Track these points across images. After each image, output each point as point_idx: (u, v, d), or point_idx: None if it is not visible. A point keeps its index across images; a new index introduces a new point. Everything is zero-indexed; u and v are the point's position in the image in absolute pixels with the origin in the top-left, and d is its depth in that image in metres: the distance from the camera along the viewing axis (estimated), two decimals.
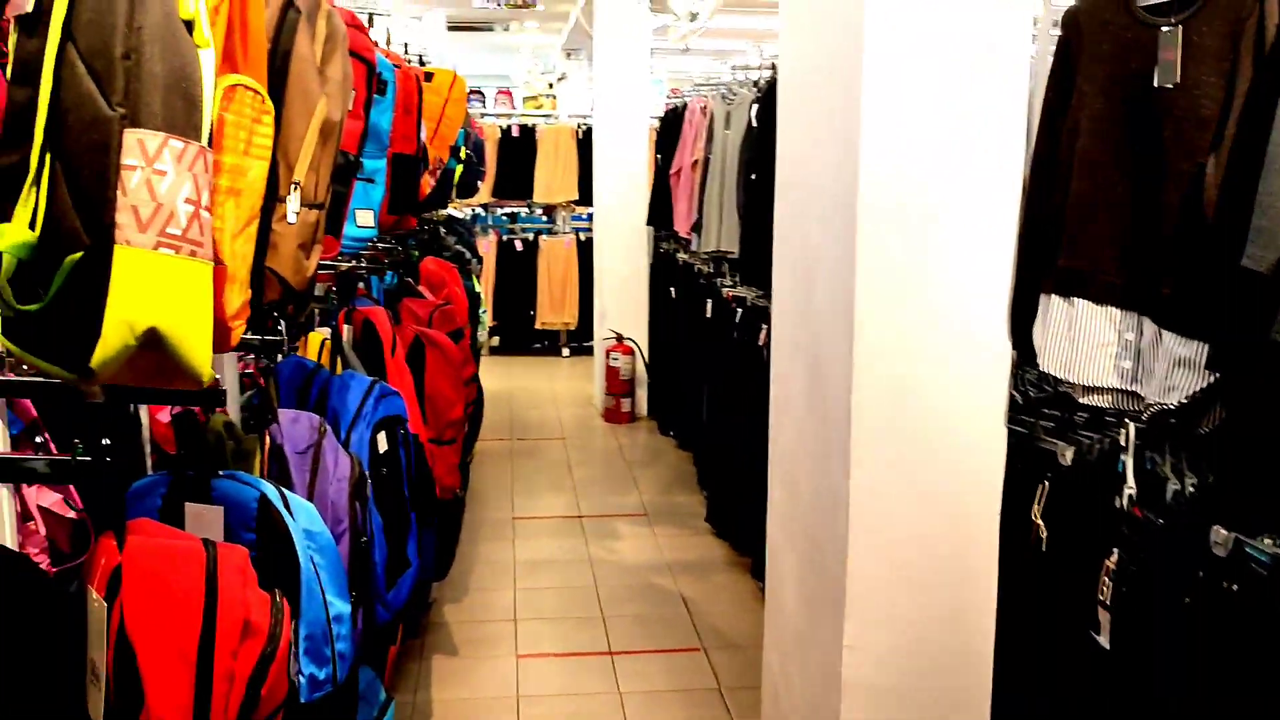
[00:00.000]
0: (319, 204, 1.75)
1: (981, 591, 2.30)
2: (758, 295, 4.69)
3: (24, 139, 1.00)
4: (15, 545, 1.71)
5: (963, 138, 2.16)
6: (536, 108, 10.78)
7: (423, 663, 3.83)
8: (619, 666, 3.84)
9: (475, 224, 9.81)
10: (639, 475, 6.17)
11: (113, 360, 0.97)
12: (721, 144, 5.22)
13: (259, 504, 1.55)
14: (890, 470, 2.24)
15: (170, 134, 0.99)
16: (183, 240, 0.99)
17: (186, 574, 1.12)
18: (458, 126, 3.95)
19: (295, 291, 1.70)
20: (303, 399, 2.38)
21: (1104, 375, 2.04)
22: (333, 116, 1.76)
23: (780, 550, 2.77)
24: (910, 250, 2.19)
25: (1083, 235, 2.02)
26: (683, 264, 6.49)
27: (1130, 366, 2.00)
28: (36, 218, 1.00)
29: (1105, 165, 1.97)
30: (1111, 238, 1.98)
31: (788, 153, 2.68)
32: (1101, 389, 2.06)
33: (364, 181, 2.72)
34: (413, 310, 3.62)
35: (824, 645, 2.40)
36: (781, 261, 2.75)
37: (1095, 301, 2.02)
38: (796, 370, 2.58)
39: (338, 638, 1.63)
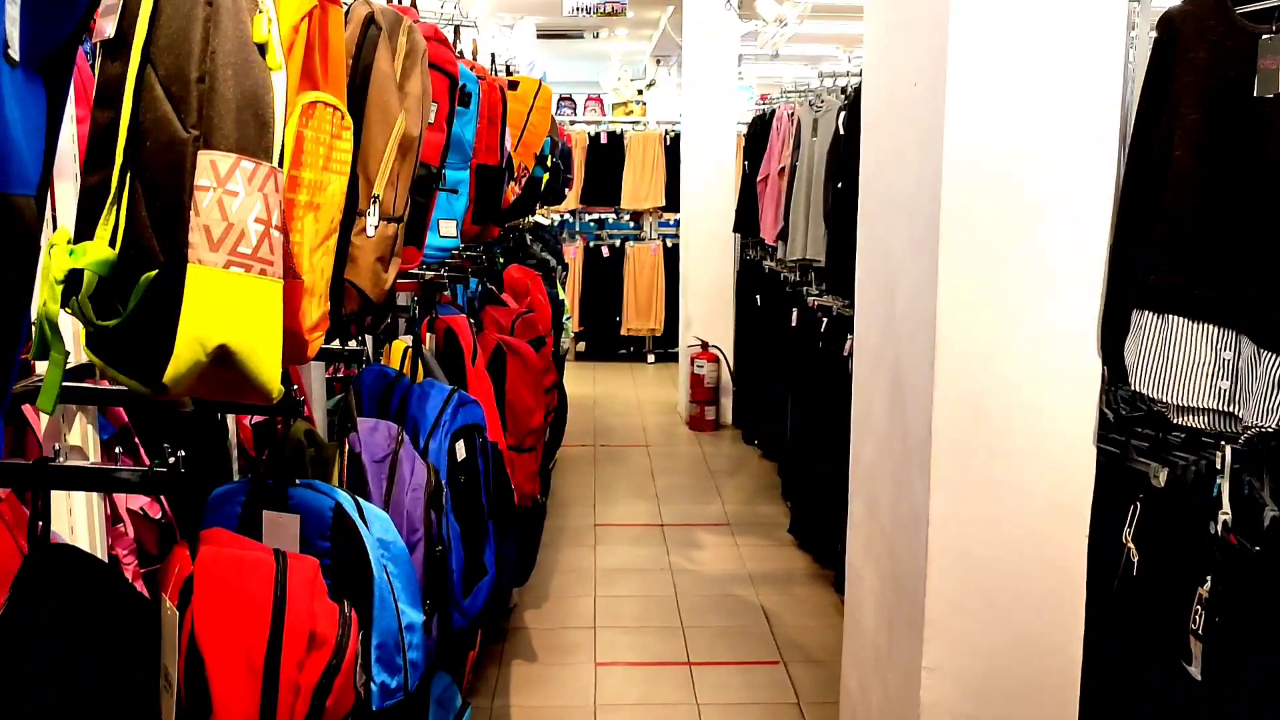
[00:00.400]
0: (398, 217, 1.78)
1: (1068, 616, 2.22)
2: (843, 304, 4.63)
3: (107, 160, 1.03)
4: (105, 548, 1.77)
5: (1052, 148, 2.10)
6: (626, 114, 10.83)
7: (502, 668, 3.86)
8: (697, 677, 3.82)
9: (562, 230, 9.88)
10: (722, 484, 6.14)
11: (184, 376, 0.99)
12: (809, 151, 5.17)
13: (334, 513, 1.58)
14: (973, 490, 2.18)
15: (242, 155, 1.01)
16: (253, 259, 1.01)
17: (256, 585, 1.14)
18: (543, 135, 3.98)
19: (373, 303, 1.73)
20: (384, 407, 2.42)
21: (1199, 395, 1.96)
22: (411, 131, 1.78)
23: (860, 567, 2.72)
24: (996, 264, 2.13)
25: (1177, 249, 1.94)
26: (768, 271, 6.44)
27: (1227, 387, 1.92)
28: (117, 236, 1.03)
29: (1200, 178, 1.89)
30: (1207, 252, 1.90)
31: (870, 161, 2.64)
32: (1197, 409, 1.98)
33: (447, 192, 2.75)
34: (495, 318, 3.66)
35: (903, 666, 2.35)
36: (864, 273, 2.70)
37: (1191, 318, 1.95)
38: (878, 385, 2.54)
39: (409, 646, 1.65)
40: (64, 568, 1.15)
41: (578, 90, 13.39)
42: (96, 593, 1.17)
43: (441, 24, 3.85)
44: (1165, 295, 1.98)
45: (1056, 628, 2.24)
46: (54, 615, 1.10)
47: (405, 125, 1.74)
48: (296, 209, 1.38)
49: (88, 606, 1.14)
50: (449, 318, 3.07)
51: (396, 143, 1.71)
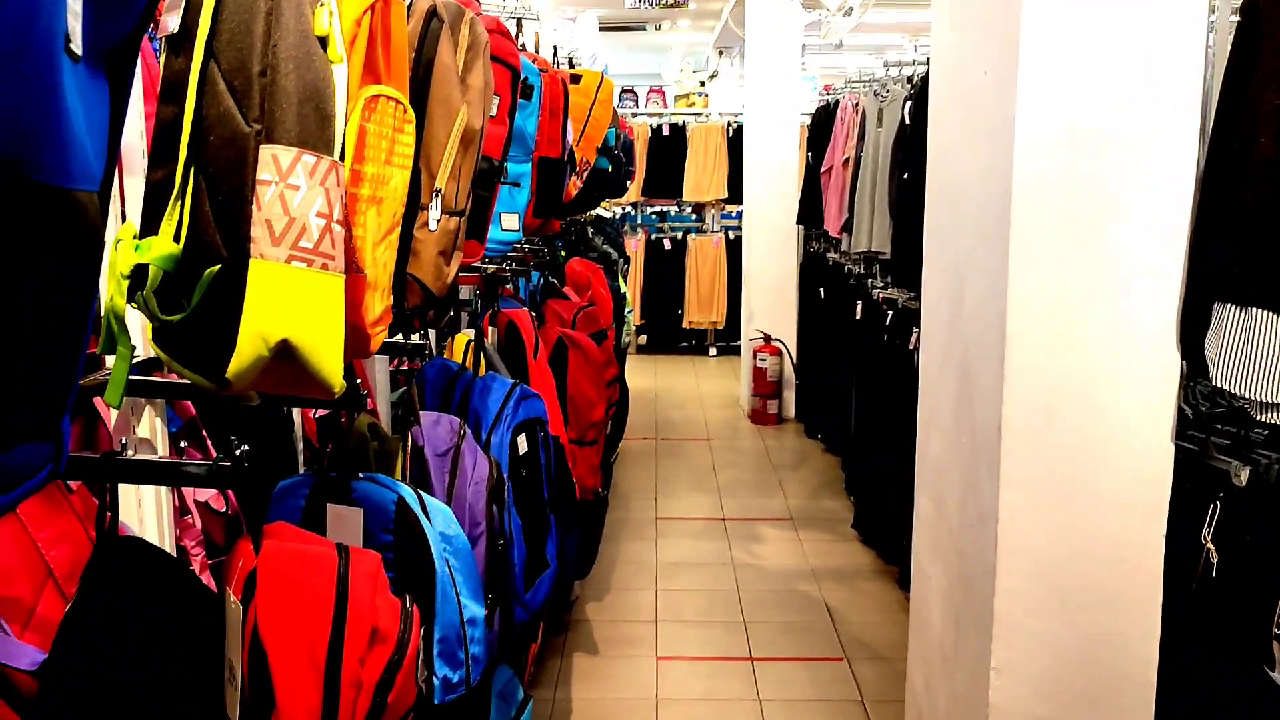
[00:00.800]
0: (460, 211, 1.77)
1: (1143, 618, 2.16)
2: (909, 297, 4.56)
3: (171, 156, 1.04)
4: (173, 540, 1.79)
5: (1129, 137, 2.03)
6: (688, 106, 10.78)
7: (564, 660, 3.87)
8: (760, 673, 3.79)
9: (624, 223, 9.88)
10: (784, 478, 6.10)
11: (247, 371, 0.99)
12: (874, 142, 5.10)
13: (397, 507, 1.58)
14: (1044, 488, 2.13)
15: (303, 149, 1.00)
16: (315, 253, 1.00)
17: (318, 580, 1.14)
18: (605, 128, 3.97)
19: (435, 297, 1.73)
20: (446, 401, 2.42)
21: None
22: (474, 124, 1.77)
23: (926, 564, 2.67)
24: (1069, 257, 2.07)
25: (1261, 240, 1.87)
26: (833, 264, 6.38)
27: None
28: (181, 231, 1.03)
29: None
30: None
31: (938, 151, 2.58)
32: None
33: (509, 185, 2.75)
34: (557, 311, 3.66)
35: (971, 666, 2.30)
36: (931, 265, 2.65)
37: (1275, 311, 1.87)
38: (945, 380, 2.48)
39: (471, 640, 1.65)
40: (132, 560, 1.16)
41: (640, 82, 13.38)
42: (164, 585, 1.18)
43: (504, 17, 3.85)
44: (1248, 287, 1.91)
45: (1131, 628, 2.17)
46: (122, 607, 1.11)
47: (468, 118, 1.73)
48: (359, 203, 1.38)
49: (155, 598, 1.15)
50: (511, 311, 3.08)
51: (459, 136, 1.71)
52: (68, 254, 0.72)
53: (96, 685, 1.07)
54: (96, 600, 1.08)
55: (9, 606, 1.32)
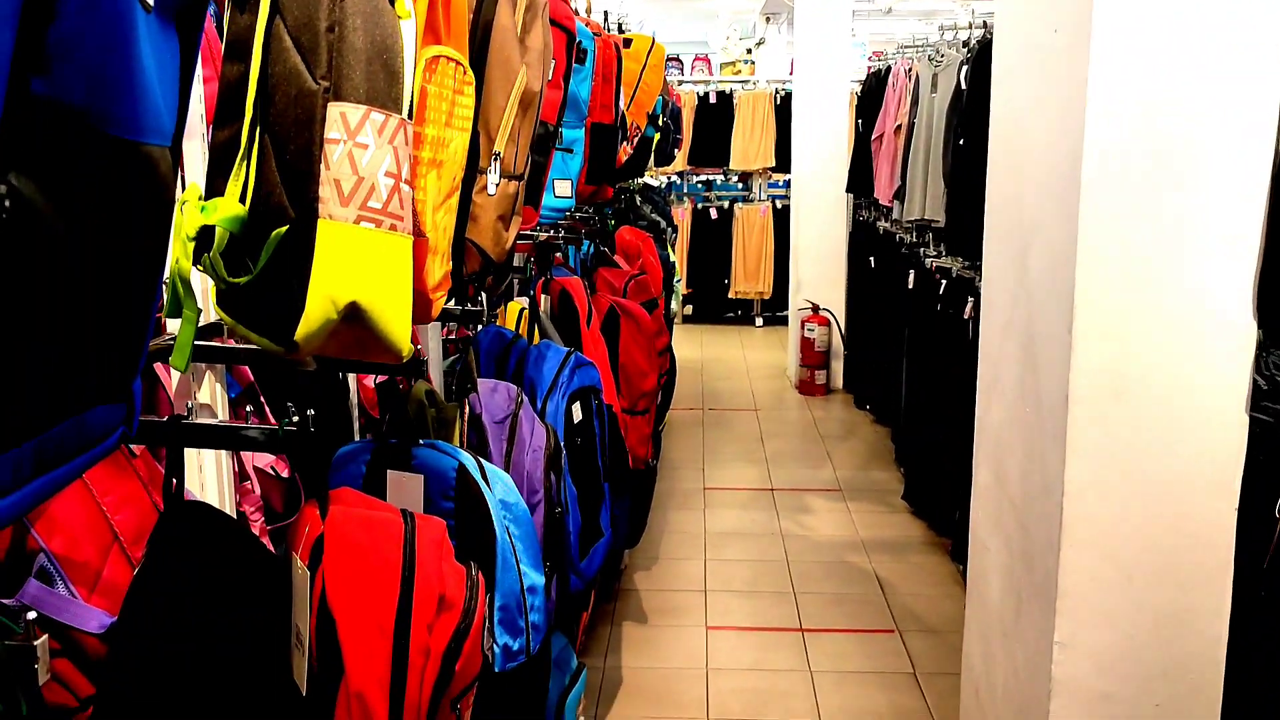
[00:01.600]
0: (519, 175, 1.75)
1: (1213, 594, 2.11)
2: (964, 266, 4.48)
3: (236, 115, 1.02)
4: (234, 505, 1.80)
5: (1207, 100, 1.96)
6: (734, 74, 10.66)
7: (613, 629, 3.87)
8: (811, 644, 3.77)
9: (671, 192, 9.82)
10: (833, 449, 6.05)
11: (316, 334, 0.97)
12: (928, 108, 5.00)
13: (457, 474, 1.57)
14: (1112, 460, 2.07)
15: (372, 106, 0.98)
16: (383, 214, 0.98)
17: (385, 546, 1.13)
18: (655, 94, 3.92)
19: (494, 263, 1.70)
20: (501, 368, 2.41)
21: None
22: (533, 86, 1.74)
23: (985, 537, 2.63)
24: (1141, 220, 2.00)
25: None
26: (883, 233, 6.29)
27: None
28: (247, 192, 1.01)
29: None
30: None
31: (1003, 114, 2.51)
32: None
33: (562, 151, 2.72)
34: (608, 280, 3.63)
35: (1033, 640, 2.26)
36: (993, 232, 2.59)
37: None
38: (1008, 349, 2.43)
39: (531, 609, 1.64)
40: (198, 524, 1.15)
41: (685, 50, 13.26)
42: (230, 550, 1.17)
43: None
44: None
45: (1200, 605, 2.12)
46: (189, 571, 1.10)
47: (526, 80, 1.70)
48: (420, 166, 1.36)
49: (221, 563, 1.15)
50: (563, 279, 3.06)
51: (518, 98, 1.68)
52: (139, 211, 0.70)
53: (164, 649, 1.06)
54: (164, 564, 1.08)
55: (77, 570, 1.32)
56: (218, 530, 1.15)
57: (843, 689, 3.47)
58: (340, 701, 1.07)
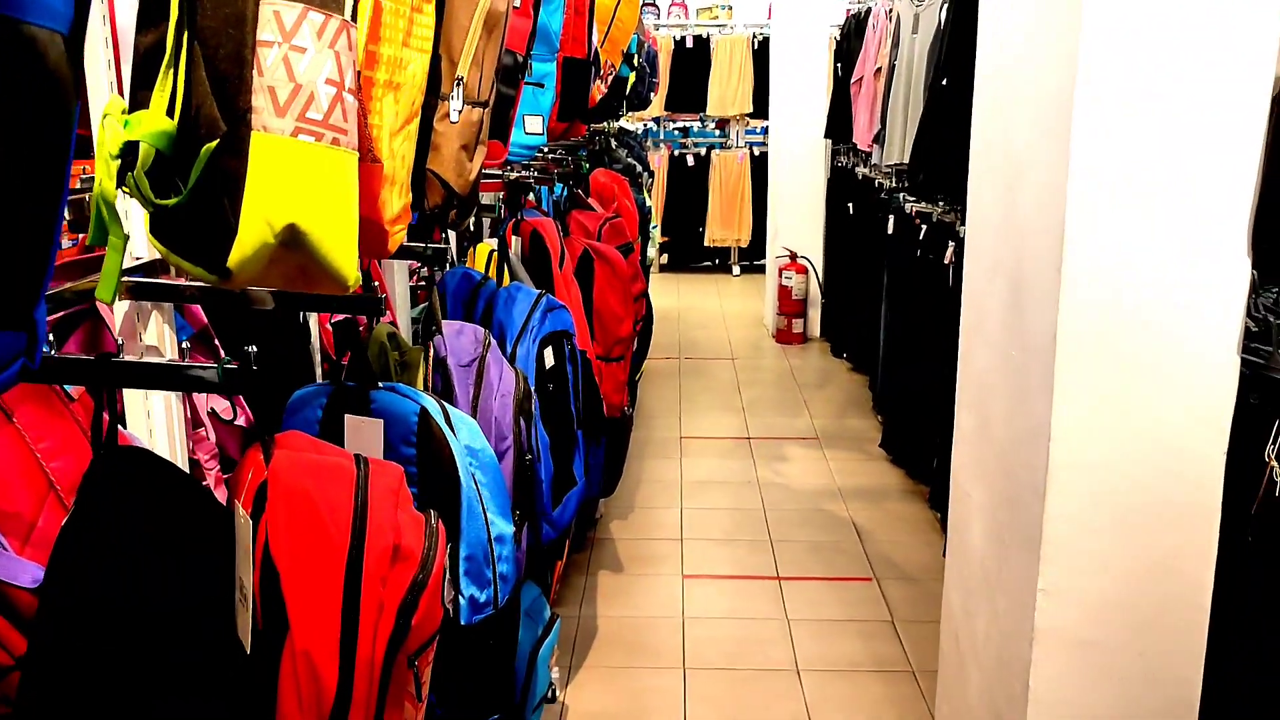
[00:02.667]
0: (483, 102, 1.64)
1: (1200, 538, 2.06)
2: (944, 210, 4.40)
3: (161, 16, 0.92)
4: (186, 452, 1.71)
5: (1204, 31, 1.87)
6: (712, 18, 10.48)
7: (588, 578, 3.82)
8: (787, 592, 3.73)
9: (647, 138, 9.67)
10: (810, 398, 6.00)
11: (251, 259, 0.88)
12: (908, 50, 4.89)
13: (419, 418, 1.49)
14: (1100, 402, 2.01)
15: (309, 6, 0.88)
16: (324, 126, 0.89)
17: (334, 493, 1.05)
18: (630, 31, 3.79)
19: (458, 195, 1.61)
20: (469, 311, 2.32)
21: None
22: (498, 6, 1.63)
23: (967, 482, 2.57)
24: (1132, 154, 1.93)
25: None
26: (862, 179, 6.20)
27: None
28: (175, 103, 0.92)
29: None
30: None
31: (990, 49, 2.42)
32: None
33: (533, 86, 2.61)
34: (582, 223, 3.53)
35: (1015, 588, 2.22)
36: (980, 171, 2.50)
37: None
38: (994, 289, 2.36)
39: (499, 559, 1.57)
40: (134, 470, 1.07)
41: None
42: (169, 497, 1.09)
43: None
44: None
45: (1186, 549, 2.07)
46: (123, 520, 1.02)
47: None
48: (375, 88, 1.26)
49: (160, 511, 1.06)
50: (535, 220, 2.95)
51: (482, 18, 1.57)
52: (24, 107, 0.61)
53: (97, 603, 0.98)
54: (95, 512, 0.99)
55: (8, 521, 1.24)
56: (155, 476, 1.07)
57: (820, 637, 3.44)
58: (285, 660, 0.99)
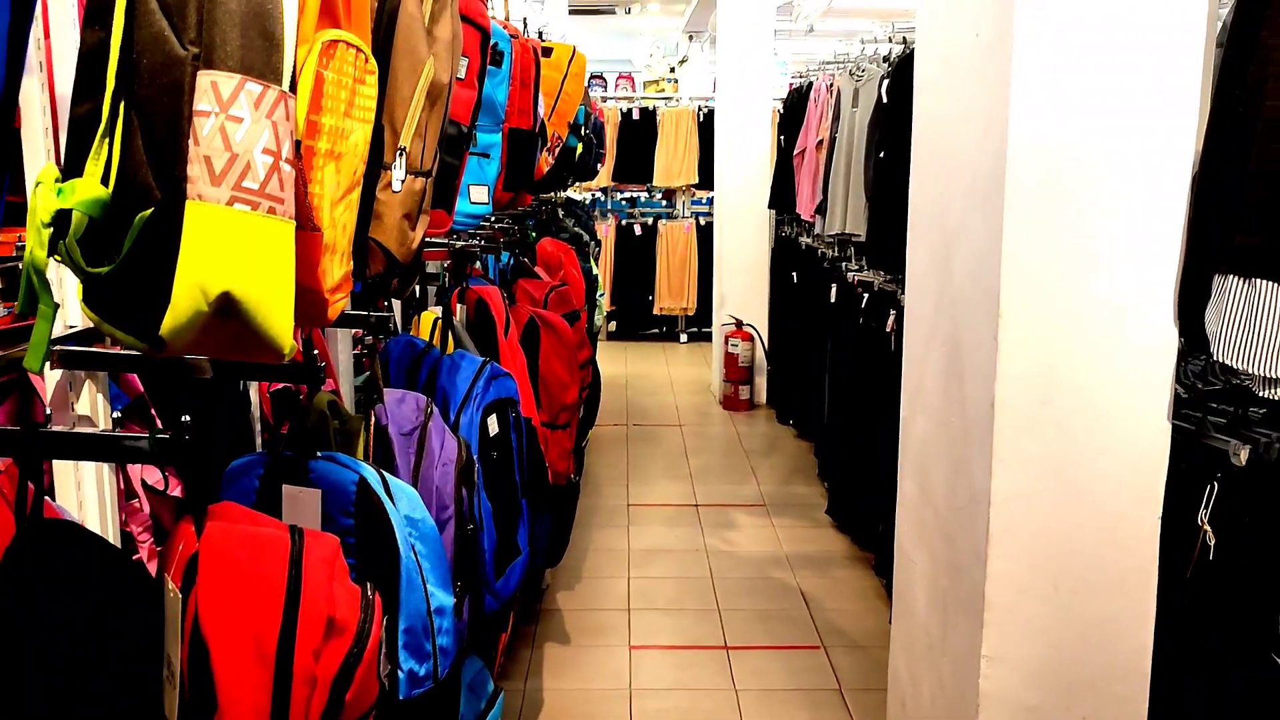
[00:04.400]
0: (426, 172, 1.66)
1: (1139, 603, 2.09)
2: (886, 279, 4.48)
3: (98, 87, 0.92)
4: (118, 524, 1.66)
5: (1128, 104, 1.95)
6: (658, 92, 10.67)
7: (534, 650, 3.76)
8: (735, 662, 3.70)
9: (594, 208, 9.76)
10: (757, 465, 6.01)
11: (184, 328, 0.87)
12: (849, 123, 5.01)
13: (358, 487, 1.47)
14: (1038, 467, 2.04)
15: (247, 76, 0.89)
16: (260, 195, 0.89)
17: (267, 565, 1.03)
18: (577, 104, 3.84)
19: (400, 264, 1.61)
20: (412, 379, 2.31)
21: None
22: (441, 79, 1.66)
23: (910, 549, 2.59)
24: (1064, 227, 1.98)
25: (1267, 207, 1.79)
26: (805, 248, 6.29)
27: None
28: (110, 172, 0.91)
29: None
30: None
31: (926, 120, 2.49)
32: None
33: (478, 156, 2.63)
34: (528, 291, 3.54)
35: (959, 654, 2.22)
36: (917, 241, 2.56)
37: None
38: (932, 357, 2.40)
39: (439, 631, 1.54)
40: (59, 545, 1.04)
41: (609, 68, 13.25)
42: (96, 572, 1.06)
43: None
44: (1252, 258, 1.83)
45: (1126, 614, 2.10)
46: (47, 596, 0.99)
47: (435, 72, 1.61)
48: (316, 157, 1.26)
49: (85, 587, 1.03)
50: (480, 288, 2.96)
51: (425, 90, 1.59)
52: None
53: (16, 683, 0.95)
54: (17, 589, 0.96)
55: None
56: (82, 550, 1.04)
57: (768, 707, 3.40)
58: None
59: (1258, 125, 1.79)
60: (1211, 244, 1.92)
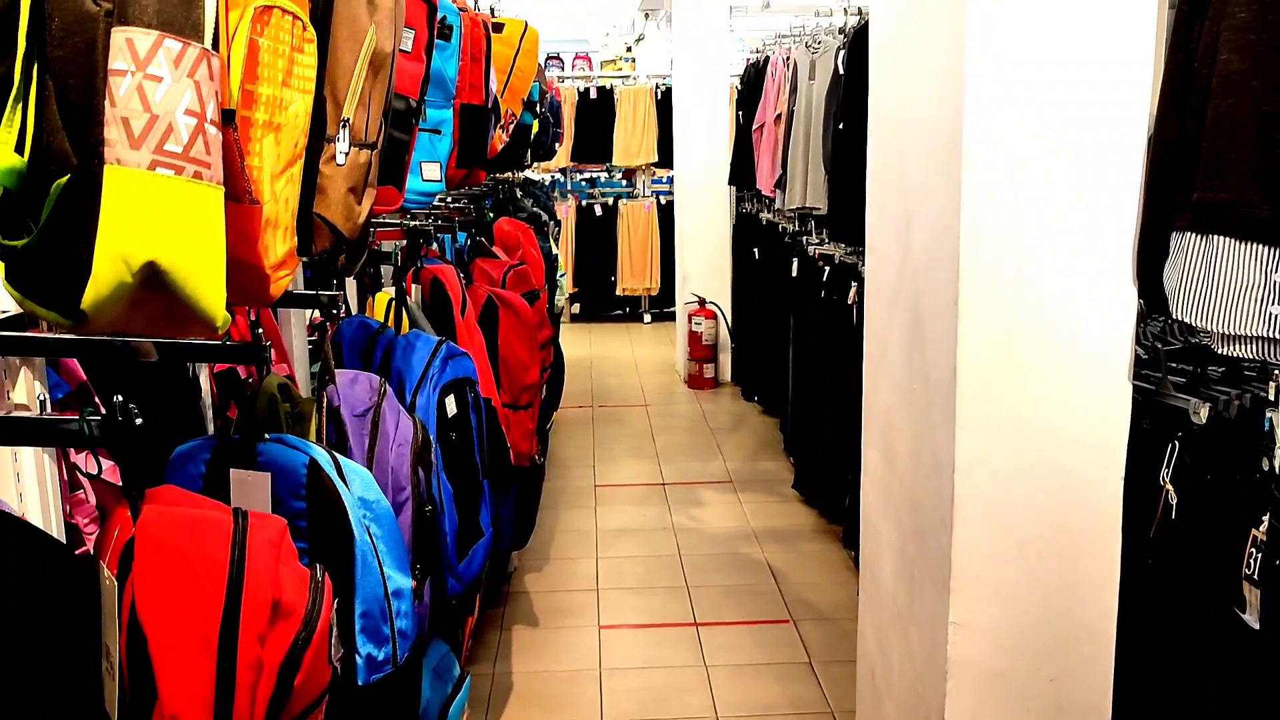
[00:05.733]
0: (371, 144, 1.61)
1: (1103, 564, 2.09)
2: (847, 252, 4.47)
3: (8, 48, 0.87)
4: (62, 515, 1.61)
5: (1085, 59, 1.93)
6: (615, 70, 10.59)
7: (503, 633, 3.74)
8: (705, 638, 3.69)
9: (554, 189, 9.69)
10: (723, 442, 6.01)
11: (108, 301, 0.83)
12: (806, 96, 4.98)
13: (308, 469, 1.43)
14: (1001, 431, 2.03)
15: (165, 33, 0.84)
16: (184, 159, 0.85)
17: (209, 549, 0.99)
18: (530, 79, 3.78)
19: (346, 239, 1.56)
20: (366, 360, 2.26)
21: (1248, 322, 1.80)
22: (384, 47, 1.61)
23: (876, 519, 2.58)
24: (1023, 186, 1.97)
25: (1224, 163, 1.78)
26: (766, 224, 6.28)
27: (1279, 312, 1.77)
28: (25, 140, 0.86)
29: (1251, 82, 1.73)
30: (1258, 165, 1.73)
31: (882, 87, 2.47)
32: (1245, 338, 1.82)
33: (429, 132, 2.58)
34: (486, 271, 3.49)
35: (927, 622, 2.21)
36: (877, 210, 2.54)
37: (1238, 238, 1.78)
38: (894, 325, 2.38)
39: (398, 614, 1.50)
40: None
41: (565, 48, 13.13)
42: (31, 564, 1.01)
43: None
44: (1210, 214, 1.82)
45: (1090, 576, 2.10)
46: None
47: (377, 40, 1.56)
48: (254, 128, 1.22)
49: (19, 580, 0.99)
50: (435, 268, 2.91)
51: (367, 59, 1.54)
52: None
53: None
54: None
55: None
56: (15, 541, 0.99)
57: (739, 682, 3.40)
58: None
59: (1212, 81, 1.77)
60: (1168, 202, 1.91)
